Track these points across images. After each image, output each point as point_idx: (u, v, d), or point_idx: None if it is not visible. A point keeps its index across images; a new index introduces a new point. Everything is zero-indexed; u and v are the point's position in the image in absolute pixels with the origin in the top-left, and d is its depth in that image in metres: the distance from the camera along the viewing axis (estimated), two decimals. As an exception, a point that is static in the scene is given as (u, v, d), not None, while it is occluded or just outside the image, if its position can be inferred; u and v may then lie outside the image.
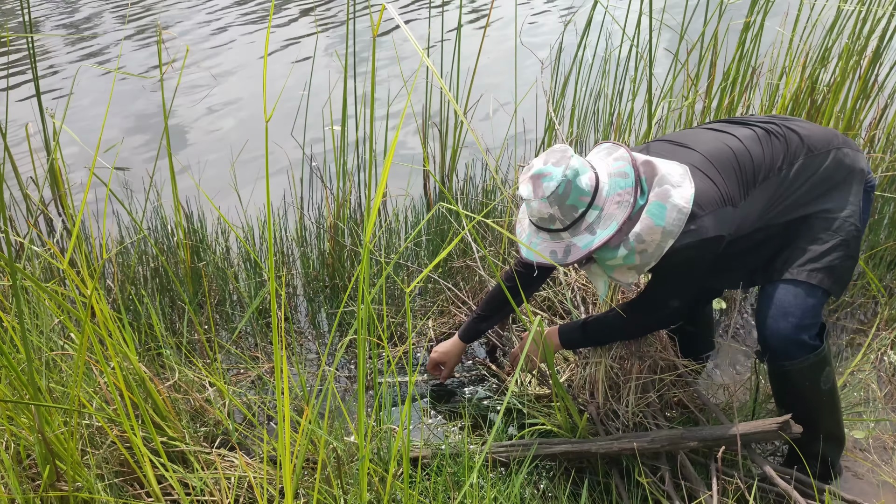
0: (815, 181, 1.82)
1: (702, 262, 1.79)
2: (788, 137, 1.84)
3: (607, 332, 2.02)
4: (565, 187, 1.68)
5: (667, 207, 1.68)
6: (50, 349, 1.97)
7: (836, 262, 1.80)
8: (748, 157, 1.80)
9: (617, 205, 1.70)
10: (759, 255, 1.90)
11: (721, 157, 1.79)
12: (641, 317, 1.94)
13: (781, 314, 1.80)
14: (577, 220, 1.71)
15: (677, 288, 1.88)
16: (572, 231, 1.73)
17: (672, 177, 1.71)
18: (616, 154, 1.77)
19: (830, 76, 3.03)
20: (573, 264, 1.77)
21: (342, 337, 2.74)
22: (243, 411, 2.05)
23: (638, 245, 1.71)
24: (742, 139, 1.83)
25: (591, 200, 1.71)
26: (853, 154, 1.86)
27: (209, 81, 5.27)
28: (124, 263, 2.81)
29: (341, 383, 2.53)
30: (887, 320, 2.59)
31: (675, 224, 1.69)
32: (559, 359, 2.31)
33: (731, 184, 1.76)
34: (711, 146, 1.82)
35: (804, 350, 1.81)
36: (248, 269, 2.86)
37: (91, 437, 1.83)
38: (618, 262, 1.77)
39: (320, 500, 1.70)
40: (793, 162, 1.81)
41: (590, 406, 2.04)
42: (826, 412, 1.93)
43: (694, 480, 1.83)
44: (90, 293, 1.50)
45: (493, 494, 1.73)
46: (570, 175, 1.68)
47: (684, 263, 1.77)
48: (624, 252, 1.73)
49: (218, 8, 7.33)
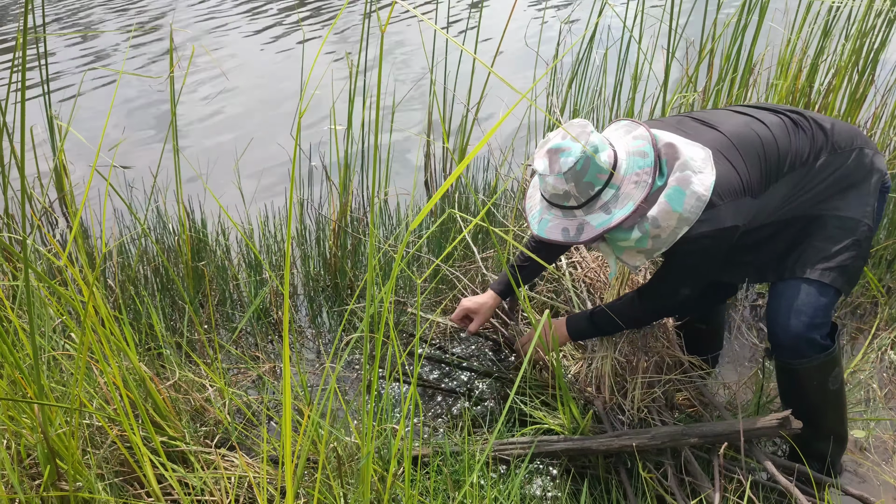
0: (835, 178, 1.79)
1: (716, 251, 1.75)
2: (815, 131, 1.80)
3: (616, 321, 1.97)
4: (584, 164, 1.63)
5: (686, 194, 1.65)
6: (51, 349, 1.97)
7: (848, 262, 1.79)
8: (774, 146, 1.75)
9: (634, 184, 1.66)
10: (772, 250, 1.87)
11: (746, 143, 1.75)
12: (651, 304, 1.90)
13: (794, 312, 1.79)
14: (593, 199, 1.67)
15: (689, 276, 1.84)
16: (586, 209, 1.69)
17: (694, 162, 1.67)
18: (636, 132, 1.73)
19: (826, 76, 3.04)
20: (588, 244, 1.73)
21: (346, 336, 2.74)
22: (244, 410, 2.05)
23: (653, 229, 1.68)
24: (770, 126, 1.78)
25: (608, 178, 1.66)
26: (872, 154, 1.83)
27: (212, 81, 5.27)
28: (125, 263, 2.81)
29: (344, 382, 2.53)
30: (887, 320, 2.59)
31: (693, 211, 1.65)
32: (566, 355, 2.30)
33: (754, 173, 1.72)
34: (739, 130, 1.78)
35: (815, 349, 1.80)
36: (249, 269, 2.86)
37: (91, 436, 1.83)
38: (629, 244, 1.73)
39: (321, 499, 1.70)
40: (818, 157, 1.78)
41: (596, 401, 2.04)
42: (831, 412, 1.93)
43: (698, 476, 1.83)
44: (91, 283, 1.50)
45: (493, 494, 1.73)
46: (590, 151, 1.63)
47: (699, 252, 1.73)
48: (638, 235, 1.70)
49: (221, 6, 7.34)
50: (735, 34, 2.90)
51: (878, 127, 3.25)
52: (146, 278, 2.81)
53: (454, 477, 1.84)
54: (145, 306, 2.51)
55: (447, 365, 2.50)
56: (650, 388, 2.04)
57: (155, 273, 2.79)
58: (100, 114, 4.77)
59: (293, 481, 1.34)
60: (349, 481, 1.76)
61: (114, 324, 1.72)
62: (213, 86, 5.22)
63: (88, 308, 1.49)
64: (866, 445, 2.17)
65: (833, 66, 3.07)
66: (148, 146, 4.39)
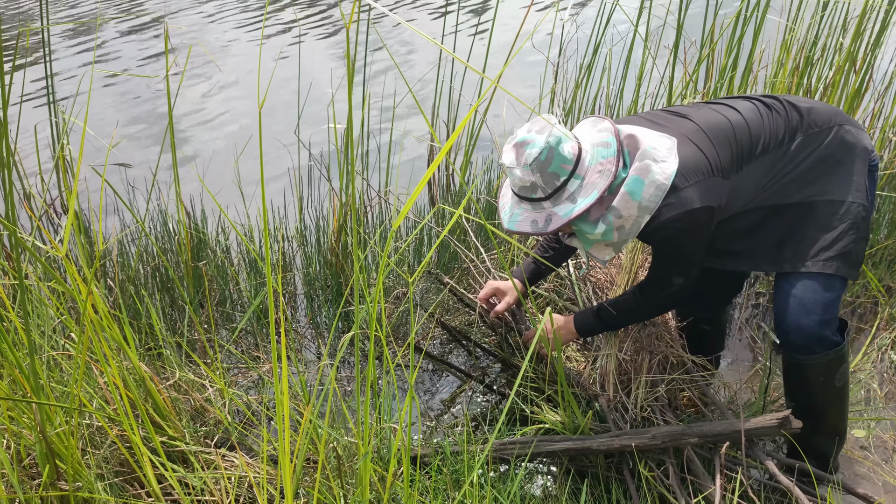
0: (816, 158, 1.79)
1: (693, 234, 1.76)
2: (789, 112, 1.81)
3: (622, 315, 1.98)
4: (547, 154, 1.68)
5: (645, 183, 1.68)
6: (51, 349, 1.97)
7: (849, 247, 1.78)
8: (746, 129, 1.77)
9: (599, 174, 1.70)
10: (765, 239, 1.86)
11: (716, 128, 1.77)
12: (650, 296, 1.91)
13: (803, 311, 1.78)
14: (559, 189, 1.71)
15: (675, 262, 1.84)
16: (553, 200, 1.72)
17: (657, 151, 1.70)
18: (600, 126, 1.77)
19: (822, 72, 3.04)
20: (555, 234, 1.75)
21: (344, 335, 2.75)
22: (244, 410, 2.05)
23: (616, 220, 1.72)
24: (742, 111, 1.81)
25: (573, 169, 1.70)
26: (856, 132, 1.82)
27: (211, 80, 5.27)
28: (125, 262, 2.81)
29: (342, 382, 2.53)
30: (887, 320, 2.59)
31: (652, 200, 1.69)
32: (569, 357, 2.30)
33: (724, 154, 1.74)
34: (709, 116, 1.81)
35: (825, 346, 1.80)
36: (249, 269, 2.86)
37: (91, 436, 1.83)
38: (596, 237, 1.77)
39: (320, 499, 1.70)
40: (793, 137, 1.78)
41: (600, 398, 2.04)
42: (834, 409, 1.93)
43: (700, 475, 1.83)
44: (89, 281, 1.50)
45: (493, 494, 1.73)
46: (553, 142, 1.68)
47: (674, 237, 1.75)
48: (603, 228, 1.74)
49: (221, 6, 7.34)
50: (733, 33, 2.90)
51: (878, 126, 3.25)
52: (146, 278, 2.81)
53: (454, 477, 1.84)
54: (145, 306, 2.51)
55: (459, 344, 2.49)
56: (654, 387, 2.04)
57: (155, 273, 2.80)
58: (100, 113, 4.77)
59: (292, 481, 1.34)
60: (349, 481, 1.76)
61: (112, 321, 1.72)
62: (212, 84, 5.21)
63: (87, 305, 1.49)
64: (866, 445, 2.17)
65: (833, 65, 3.07)
66: (148, 145, 4.40)
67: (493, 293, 2.18)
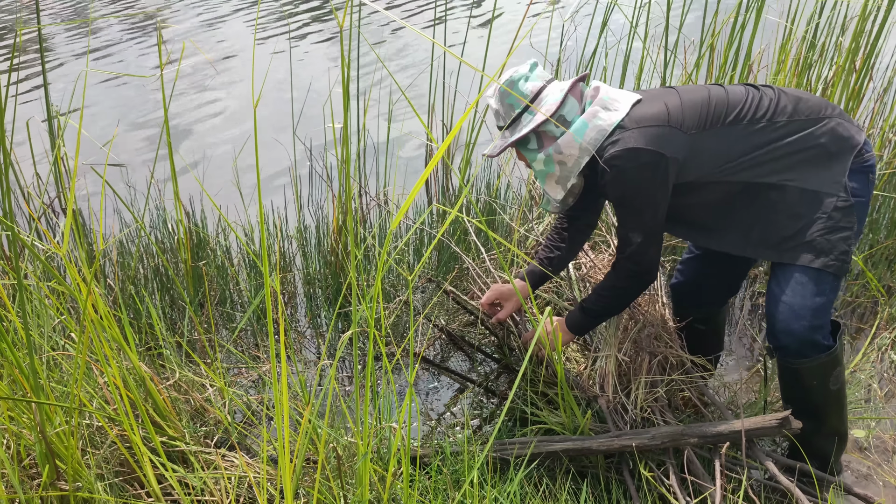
0: (799, 145, 1.78)
1: (639, 176, 1.77)
2: (779, 98, 1.81)
3: (601, 299, 1.98)
4: (507, 86, 1.86)
5: (589, 126, 1.80)
6: (51, 349, 1.97)
7: (815, 237, 1.77)
8: (724, 99, 1.81)
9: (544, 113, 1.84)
10: (733, 218, 1.86)
11: (693, 94, 1.84)
12: (620, 265, 1.91)
13: (794, 316, 1.79)
14: (515, 120, 1.88)
15: (629, 215, 1.85)
16: (512, 129, 1.89)
17: (612, 102, 1.82)
18: (567, 80, 1.91)
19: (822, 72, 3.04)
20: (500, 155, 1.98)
21: (343, 334, 2.74)
22: (244, 410, 2.04)
23: (556, 155, 1.85)
24: (727, 88, 1.86)
25: (528, 104, 1.81)
26: (849, 127, 1.81)
27: (211, 78, 5.27)
28: (125, 262, 2.81)
29: (342, 382, 2.53)
30: (887, 320, 2.59)
31: (591, 142, 1.80)
32: (571, 358, 2.30)
33: (690, 113, 1.79)
34: (691, 88, 1.88)
35: (817, 350, 1.80)
36: (249, 269, 2.86)
37: (91, 436, 1.83)
38: (540, 166, 1.90)
39: (320, 499, 1.70)
40: (775, 118, 1.79)
41: (600, 399, 2.04)
42: (832, 411, 1.93)
43: (700, 475, 1.83)
44: (90, 281, 1.50)
45: (493, 495, 1.73)
46: (515, 77, 1.86)
47: (618, 178, 1.78)
48: (542, 157, 1.87)
49: (220, 4, 7.34)
50: (733, 33, 2.90)
51: (877, 126, 3.25)
52: (146, 278, 2.81)
53: (454, 477, 1.84)
54: (145, 306, 2.51)
55: (460, 349, 2.50)
56: (653, 387, 2.04)
57: (155, 272, 2.80)
58: (99, 112, 4.77)
59: (291, 481, 1.34)
60: (349, 481, 1.76)
61: (112, 320, 1.72)
62: (214, 83, 5.22)
63: (88, 305, 1.49)
64: (867, 445, 2.17)
65: (833, 63, 3.07)
66: (149, 144, 4.40)
67: (496, 297, 2.17)
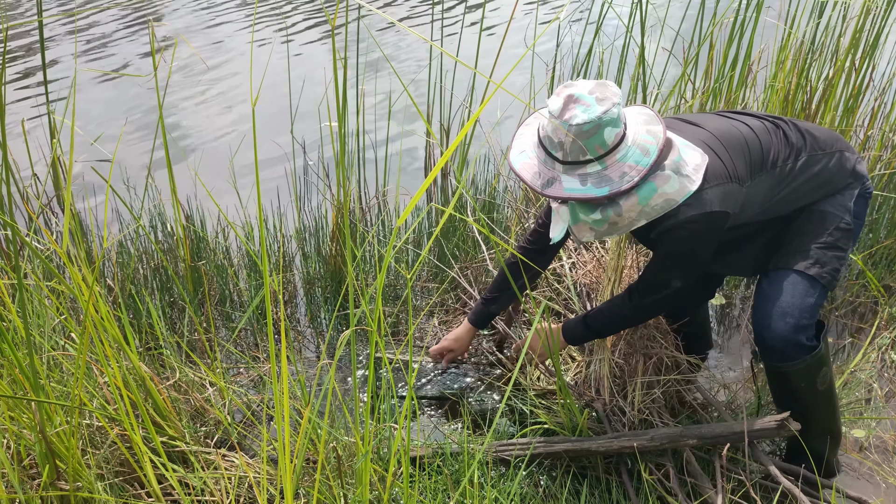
0: (815, 179, 1.83)
1: (706, 237, 1.74)
2: (795, 134, 1.85)
3: (609, 322, 1.98)
4: (591, 129, 1.60)
5: (657, 192, 1.65)
6: (51, 348, 1.97)
7: (827, 256, 1.82)
8: (757, 141, 1.79)
9: (621, 175, 1.63)
10: (756, 245, 1.90)
11: (730, 138, 1.78)
12: (644, 298, 1.89)
13: (779, 315, 1.80)
14: (579, 164, 1.65)
15: (680, 266, 1.83)
16: (567, 169, 1.66)
17: (684, 165, 1.67)
18: (651, 127, 1.69)
19: (822, 73, 3.04)
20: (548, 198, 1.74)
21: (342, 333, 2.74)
22: (244, 410, 2.04)
23: (614, 216, 1.69)
24: (752, 127, 1.83)
25: (603, 155, 1.63)
26: (853, 158, 1.89)
27: (212, 77, 5.27)
28: (125, 262, 2.81)
29: (343, 382, 2.53)
30: (887, 320, 2.59)
31: (655, 210, 1.67)
32: (565, 358, 2.30)
33: (739, 163, 1.74)
34: (722, 127, 1.81)
35: (801, 351, 1.80)
36: (248, 269, 2.86)
37: (91, 436, 1.83)
38: (587, 220, 1.74)
39: (320, 499, 1.70)
40: (798, 157, 1.82)
41: (596, 402, 2.04)
42: (822, 411, 1.93)
43: (699, 477, 1.83)
44: (91, 283, 1.50)
45: (493, 495, 1.73)
46: (604, 122, 1.60)
47: (689, 239, 1.72)
48: (598, 217, 1.71)
49: (218, 3, 7.33)
50: (732, 34, 2.90)
51: (878, 126, 3.24)
52: (146, 278, 2.81)
53: (454, 477, 1.84)
54: (145, 305, 2.51)
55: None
56: (650, 388, 2.05)
57: (155, 272, 2.79)
58: (97, 111, 4.77)
59: (292, 481, 1.34)
60: (349, 481, 1.76)
61: (112, 320, 1.72)
62: (213, 83, 5.22)
63: (89, 305, 1.49)
64: (866, 445, 2.17)
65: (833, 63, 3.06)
66: (148, 145, 4.39)
67: (442, 350, 2.33)
